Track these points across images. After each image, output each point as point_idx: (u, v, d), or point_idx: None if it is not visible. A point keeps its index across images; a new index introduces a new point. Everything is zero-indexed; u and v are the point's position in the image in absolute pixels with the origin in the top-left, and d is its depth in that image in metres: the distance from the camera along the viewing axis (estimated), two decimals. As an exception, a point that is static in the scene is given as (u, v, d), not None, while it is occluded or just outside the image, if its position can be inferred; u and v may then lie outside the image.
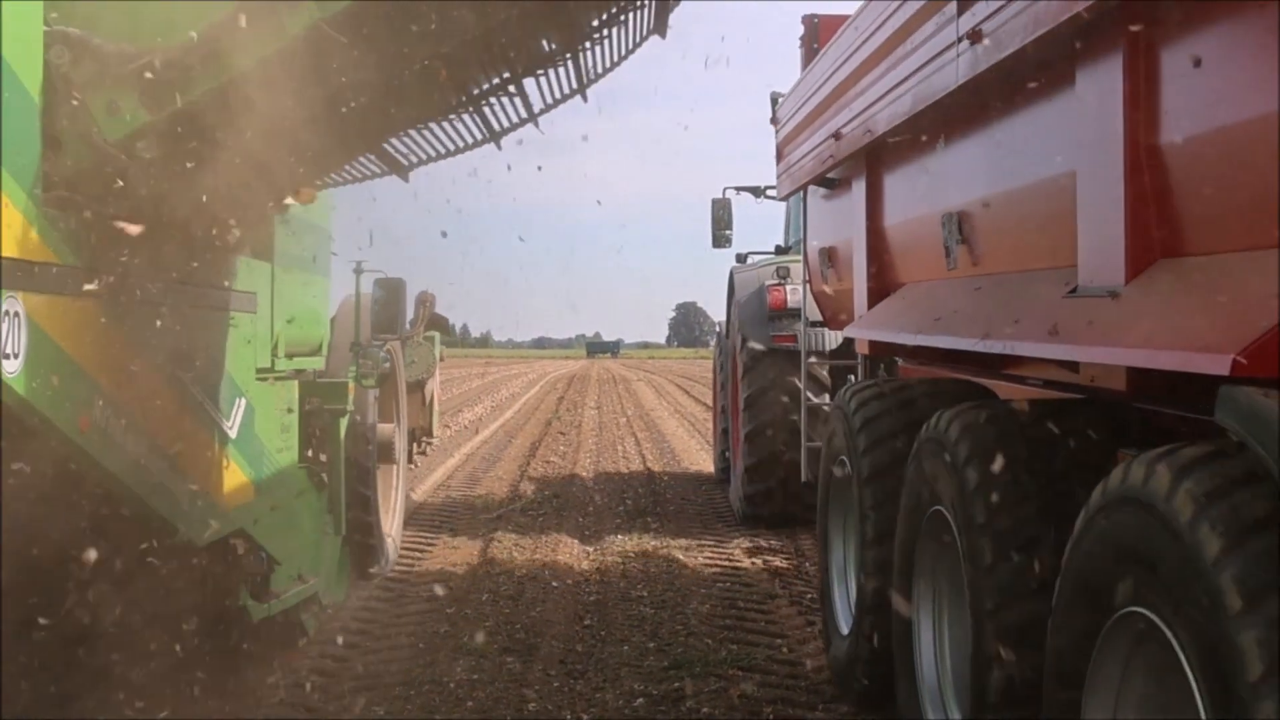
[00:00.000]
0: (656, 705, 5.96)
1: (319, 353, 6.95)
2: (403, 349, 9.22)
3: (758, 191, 13.65)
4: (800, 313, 9.22)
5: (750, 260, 12.89)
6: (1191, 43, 3.16)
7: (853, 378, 7.92)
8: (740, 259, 13.18)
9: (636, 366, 73.25)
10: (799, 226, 9.39)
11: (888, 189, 6.23)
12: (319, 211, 6.66)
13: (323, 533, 7.07)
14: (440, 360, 11.19)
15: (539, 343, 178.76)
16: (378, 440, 8.24)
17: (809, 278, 8.61)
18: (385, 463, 8.63)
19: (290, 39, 3.52)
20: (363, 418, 7.91)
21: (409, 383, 9.74)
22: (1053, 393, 4.35)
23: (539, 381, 46.48)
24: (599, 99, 5.90)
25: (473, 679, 6.29)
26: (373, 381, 7.74)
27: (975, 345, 4.03)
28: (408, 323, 8.89)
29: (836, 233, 7.47)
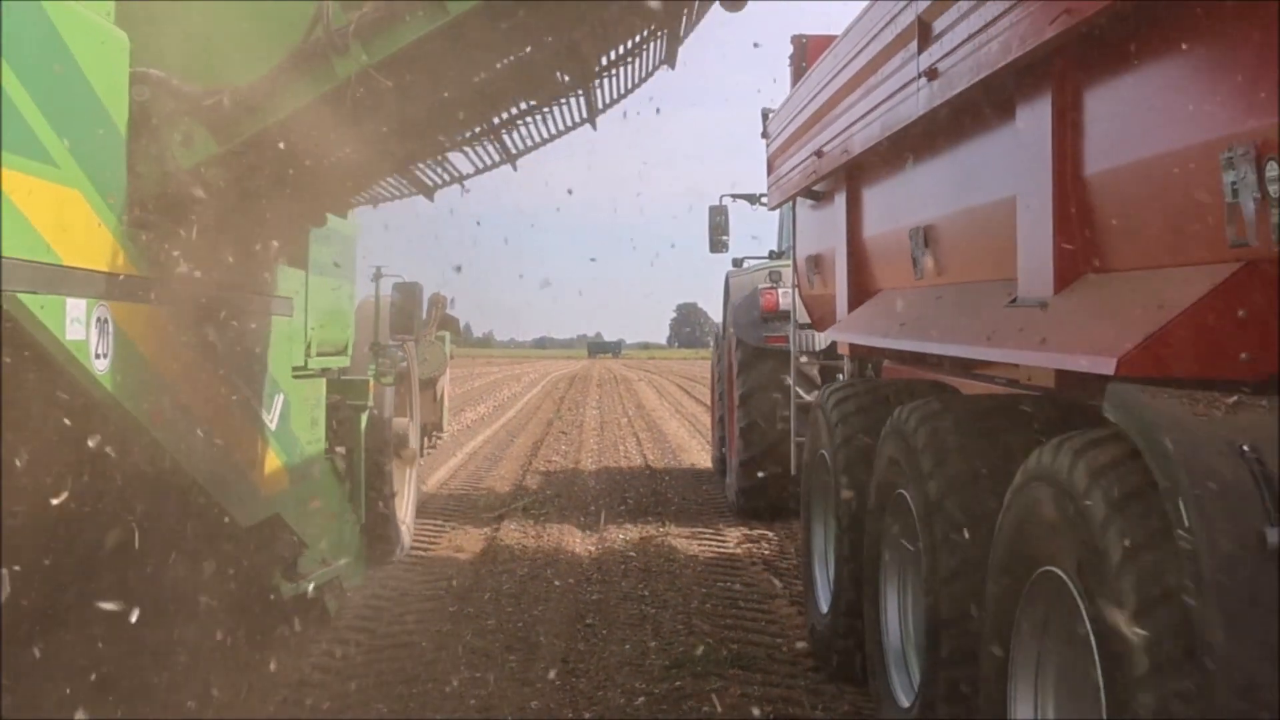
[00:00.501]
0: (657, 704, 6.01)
1: (344, 352, 7.43)
2: (416, 348, 9.73)
3: (753, 199, 14.07)
4: (791, 315, 9.68)
5: (746, 265, 13.28)
6: (1108, 88, 3.70)
7: (841, 376, 8.44)
8: (736, 263, 13.55)
9: (638, 366, 72.39)
10: (790, 233, 9.86)
11: (865, 204, 6.69)
12: (345, 221, 7.21)
13: (344, 519, 7.55)
14: (450, 359, 11.74)
15: (540, 342, 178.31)
16: (394, 434, 8.78)
17: (798, 282, 9.06)
18: (400, 455, 9.18)
19: (340, 82, 4.07)
20: (381, 413, 8.43)
21: (421, 380, 10.19)
22: (1003, 389, 4.90)
23: (540, 381, 46.05)
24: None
25: (474, 677, 6.34)
26: (391, 379, 8.28)
27: (930, 348, 4.58)
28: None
29: (821, 241, 7.91)
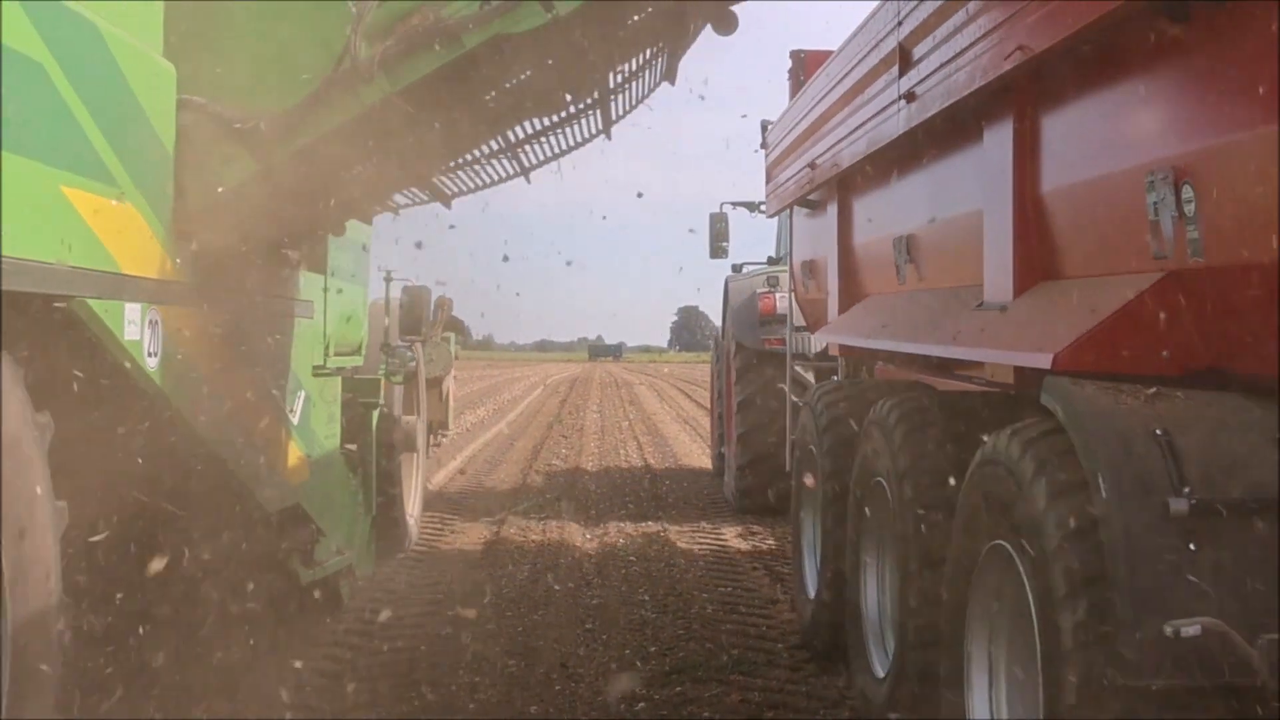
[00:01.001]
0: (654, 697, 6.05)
1: (358, 352, 7.82)
2: (423, 349, 10.12)
3: (752, 207, 14.35)
4: (787, 318, 10.01)
5: (745, 270, 13.60)
6: (1058, 116, 4.10)
7: (835, 378, 8.83)
8: (736, 269, 13.88)
9: (639, 370, 71.87)
10: (787, 240, 10.25)
11: (854, 213, 7.10)
12: (360, 228, 7.61)
13: (357, 511, 7.95)
14: (455, 359, 12.14)
15: (541, 345, 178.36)
16: (403, 430, 9.17)
17: (794, 287, 9.46)
18: (408, 451, 9.56)
19: (366, 107, 4.46)
20: (390, 410, 8.83)
21: (428, 379, 10.55)
22: (978, 387, 5.29)
23: (540, 384, 45.92)
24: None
25: (474, 680, 6.36)
26: (401, 378, 8.69)
27: (906, 347, 4.97)
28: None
29: (815, 248, 8.33)
